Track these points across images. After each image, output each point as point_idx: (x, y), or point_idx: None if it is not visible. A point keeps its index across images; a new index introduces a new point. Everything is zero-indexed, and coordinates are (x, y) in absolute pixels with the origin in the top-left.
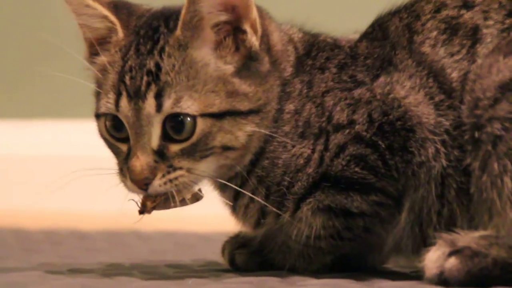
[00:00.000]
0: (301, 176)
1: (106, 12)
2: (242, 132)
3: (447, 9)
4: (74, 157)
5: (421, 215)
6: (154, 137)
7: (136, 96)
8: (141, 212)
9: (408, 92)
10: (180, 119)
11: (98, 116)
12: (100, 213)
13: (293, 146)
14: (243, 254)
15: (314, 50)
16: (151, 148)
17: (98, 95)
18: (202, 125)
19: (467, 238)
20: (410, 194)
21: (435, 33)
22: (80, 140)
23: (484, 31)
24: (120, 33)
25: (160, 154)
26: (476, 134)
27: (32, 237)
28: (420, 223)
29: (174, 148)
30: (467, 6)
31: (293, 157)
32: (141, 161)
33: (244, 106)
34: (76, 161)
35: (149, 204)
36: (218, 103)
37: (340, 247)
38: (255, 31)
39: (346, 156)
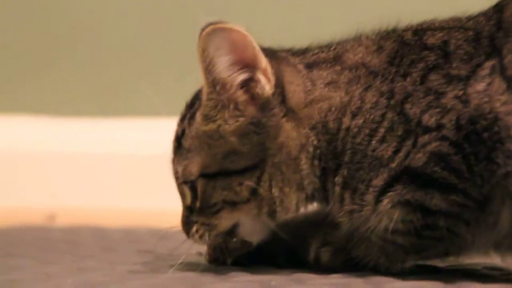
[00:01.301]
0: (383, 170)
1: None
2: None
3: None
4: (154, 156)
5: None
6: (187, 195)
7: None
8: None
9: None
10: (190, 182)
11: None
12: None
13: (373, 151)
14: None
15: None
16: (186, 204)
17: None
18: (200, 184)
19: None
20: (500, 199)
21: None
22: (160, 139)
23: None
24: None
25: (190, 210)
26: None
27: (111, 236)
28: None
29: (196, 205)
30: None
31: (375, 160)
32: (182, 215)
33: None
34: (155, 160)
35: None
36: (214, 164)
37: (420, 246)
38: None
39: (427, 151)
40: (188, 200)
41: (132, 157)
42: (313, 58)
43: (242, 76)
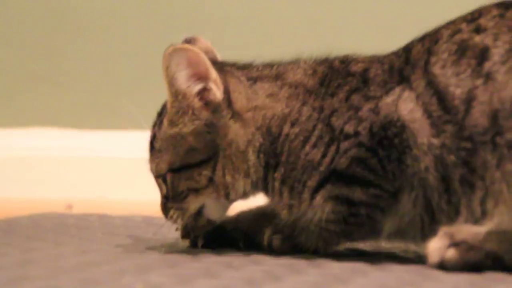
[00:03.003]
0: (315, 173)
1: None
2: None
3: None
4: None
5: (428, 208)
6: (162, 187)
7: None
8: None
9: (411, 109)
10: (162, 176)
11: None
12: None
13: (306, 154)
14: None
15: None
16: (162, 194)
17: None
18: (169, 177)
19: (464, 232)
20: (407, 191)
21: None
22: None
23: (493, 51)
24: None
25: (166, 198)
26: (496, 139)
27: (112, 222)
28: (428, 214)
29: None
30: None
31: (308, 162)
32: (160, 202)
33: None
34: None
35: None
36: (178, 160)
37: (349, 231)
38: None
39: (349, 156)
40: (164, 190)
41: (126, 160)
42: (256, 73)
43: (197, 87)
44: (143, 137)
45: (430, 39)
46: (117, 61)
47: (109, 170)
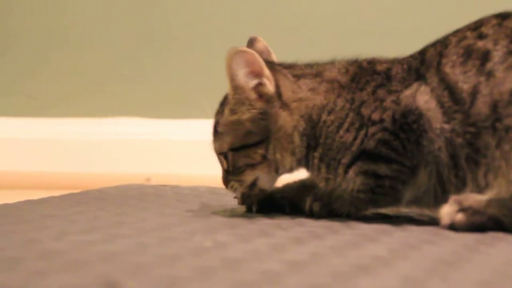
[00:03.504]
0: (348, 153)
1: None
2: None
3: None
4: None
5: (440, 180)
6: (223, 163)
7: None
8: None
9: (426, 100)
10: (224, 154)
11: None
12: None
13: (341, 137)
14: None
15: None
16: (224, 169)
17: None
18: (230, 155)
19: (470, 200)
20: (423, 167)
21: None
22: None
23: (493, 53)
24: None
25: (227, 172)
26: (496, 124)
27: (183, 192)
28: (440, 185)
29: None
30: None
31: (342, 144)
32: (222, 176)
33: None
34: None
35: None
36: (238, 141)
37: (376, 199)
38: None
39: (376, 139)
40: (225, 165)
41: (193, 142)
42: (300, 71)
43: (253, 82)
44: (208, 124)
45: (441, 44)
46: (186, 63)
47: (179, 151)
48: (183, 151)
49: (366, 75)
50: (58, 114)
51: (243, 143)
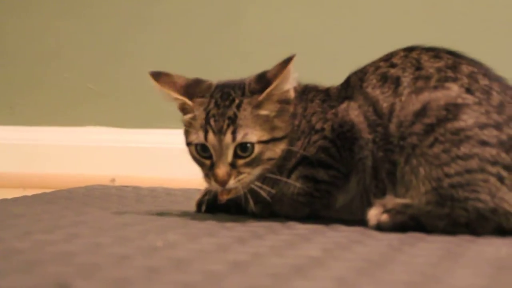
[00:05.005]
0: (293, 159)
1: (176, 95)
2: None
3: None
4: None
5: (365, 188)
6: (229, 155)
7: (219, 132)
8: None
9: (357, 114)
10: (246, 145)
11: (189, 144)
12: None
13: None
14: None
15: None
16: (228, 162)
17: (187, 133)
18: (257, 147)
19: (393, 203)
20: (354, 174)
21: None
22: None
23: (403, 79)
24: (189, 103)
25: (233, 165)
26: (401, 142)
27: (141, 193)
28: (366, 193)
29: (241, 161)
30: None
31: (292, 151)
32: (222, 170)
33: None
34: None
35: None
36: (266, 134)
37: (312, 202)
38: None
39: (316, 146)
40: (230, 158)
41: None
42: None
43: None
44: (166, 133)
45: (361, 72)
46: (144, 79)
47: (140, 156)
48: (143, 156)
49: (312, 90)
50: (36, 123)
51: (272, 136)
